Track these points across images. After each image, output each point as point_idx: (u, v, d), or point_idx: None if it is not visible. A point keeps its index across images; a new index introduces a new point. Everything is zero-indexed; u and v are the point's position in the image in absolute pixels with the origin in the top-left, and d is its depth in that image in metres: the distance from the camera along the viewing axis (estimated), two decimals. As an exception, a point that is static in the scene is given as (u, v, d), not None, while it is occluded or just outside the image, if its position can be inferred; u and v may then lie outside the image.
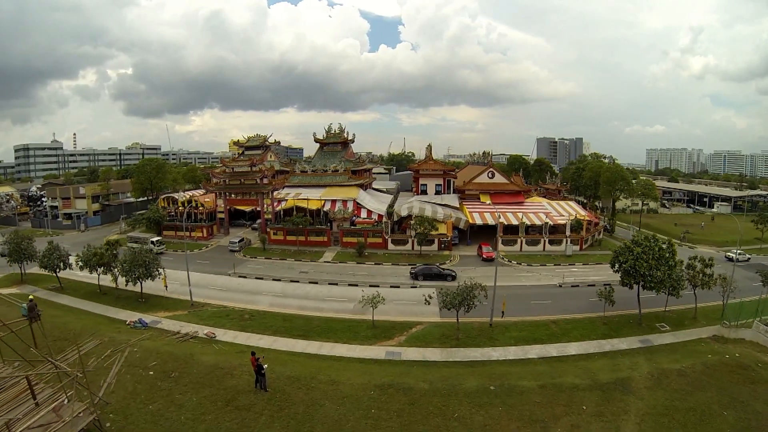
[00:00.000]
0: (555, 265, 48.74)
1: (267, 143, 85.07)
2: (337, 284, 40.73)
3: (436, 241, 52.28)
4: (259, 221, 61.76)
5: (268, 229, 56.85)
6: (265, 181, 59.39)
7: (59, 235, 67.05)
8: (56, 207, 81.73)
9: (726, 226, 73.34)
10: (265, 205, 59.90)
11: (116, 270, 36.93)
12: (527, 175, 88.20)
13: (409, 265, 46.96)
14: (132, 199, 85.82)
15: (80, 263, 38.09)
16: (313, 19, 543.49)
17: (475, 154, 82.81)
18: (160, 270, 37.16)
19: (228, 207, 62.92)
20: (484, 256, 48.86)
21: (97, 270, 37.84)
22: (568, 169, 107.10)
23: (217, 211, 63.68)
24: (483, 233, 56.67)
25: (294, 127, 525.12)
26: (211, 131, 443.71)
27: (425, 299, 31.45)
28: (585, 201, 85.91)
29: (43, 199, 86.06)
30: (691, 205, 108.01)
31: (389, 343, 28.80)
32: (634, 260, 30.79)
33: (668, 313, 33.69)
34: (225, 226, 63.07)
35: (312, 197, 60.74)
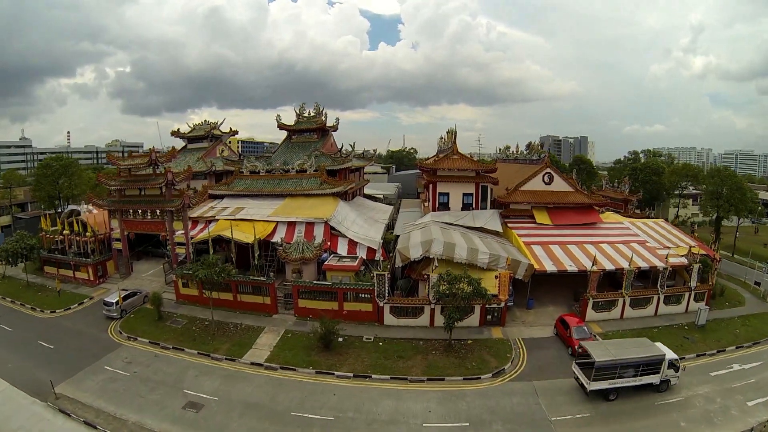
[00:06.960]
0: (698, 355, 25.72)
1: (217, 132, 61.28)
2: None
3: (478, 309, 27.37)
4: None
5: (174, 277, 32.55)
6: (175, 190, 34.93)
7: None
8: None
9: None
10: (178, 232, 35.47)
11: None
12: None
13: (428, 380, 22.46)
14: (51, 211, 61.71)
15: None
16: (313, 17, 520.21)
17: (509, 147, 58.33)
18: None
19: (126, 231, 38.58)
20: (577, 347, 23.60)
21: None
22: (614, 170, 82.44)
23: (112, 238, 39.42)
24: (540, 278, 32.54)
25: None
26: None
27: None
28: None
29: None
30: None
31: None
32: None
33: None
34: (125, 261, 38.90)
35: (258, 215, 36.73)
